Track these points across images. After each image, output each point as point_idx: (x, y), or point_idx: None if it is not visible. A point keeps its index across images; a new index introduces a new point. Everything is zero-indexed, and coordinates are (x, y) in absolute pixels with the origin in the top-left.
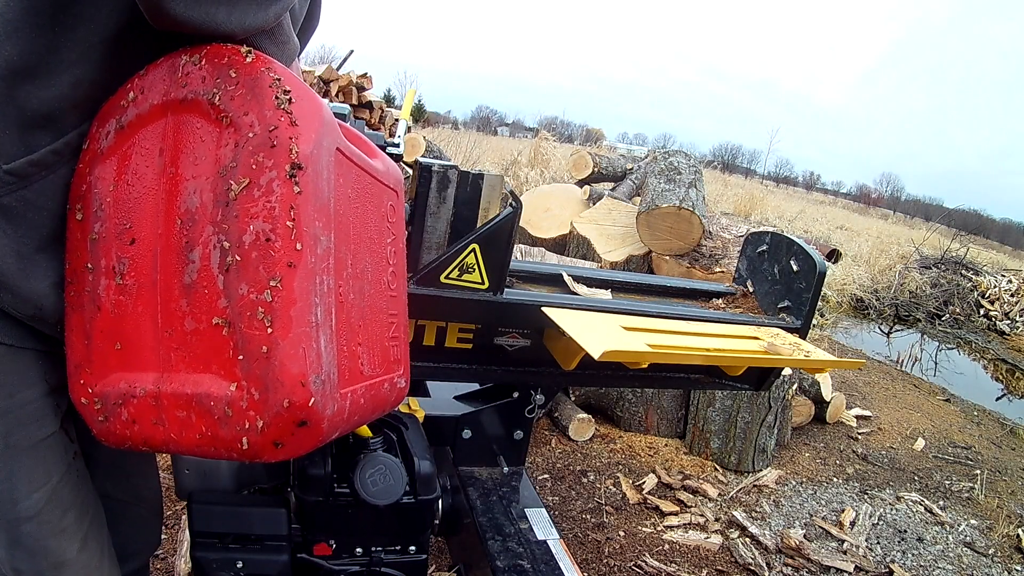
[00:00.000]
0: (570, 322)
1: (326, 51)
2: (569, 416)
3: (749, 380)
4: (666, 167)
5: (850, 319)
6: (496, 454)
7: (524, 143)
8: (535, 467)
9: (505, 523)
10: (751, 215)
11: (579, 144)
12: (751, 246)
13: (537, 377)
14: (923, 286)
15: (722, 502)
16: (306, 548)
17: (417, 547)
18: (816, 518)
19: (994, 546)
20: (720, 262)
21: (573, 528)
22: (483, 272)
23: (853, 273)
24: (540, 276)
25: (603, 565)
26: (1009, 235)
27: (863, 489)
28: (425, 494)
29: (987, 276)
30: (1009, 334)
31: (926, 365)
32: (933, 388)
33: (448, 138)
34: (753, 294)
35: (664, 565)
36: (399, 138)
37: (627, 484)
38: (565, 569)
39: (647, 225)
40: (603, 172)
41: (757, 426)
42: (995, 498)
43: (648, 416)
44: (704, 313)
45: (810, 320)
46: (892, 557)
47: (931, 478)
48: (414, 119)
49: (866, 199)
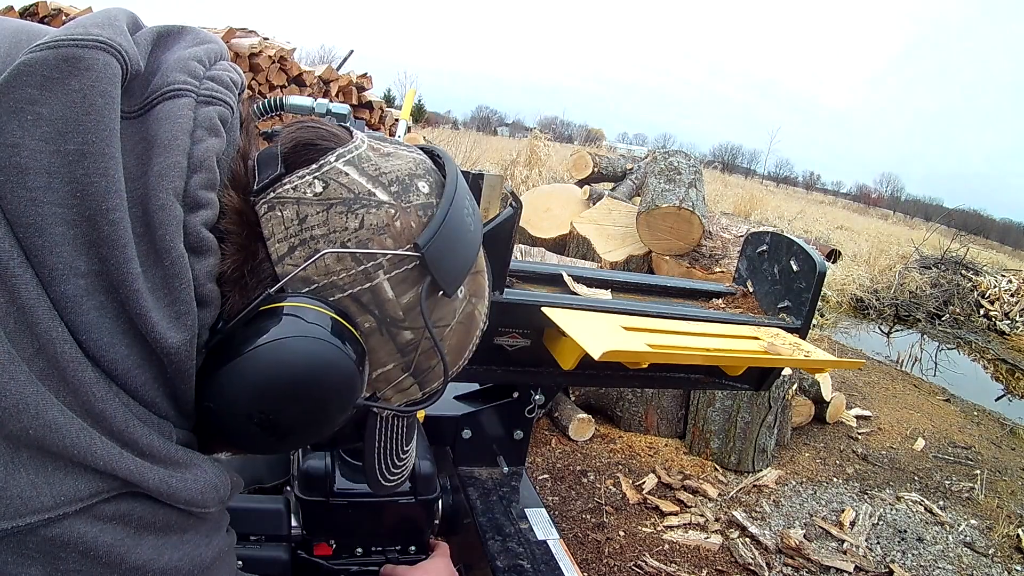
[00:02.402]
0: (570, 322)
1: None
2: (569, 416)
3: (749, 380)
4: (666, 167)
5: (850, 319)
6: (496, 454)
7: (523, 143)
8: (535, 467)
9: (505, 523)
10: (751, 215)
11: (579, 144)
12: (751, 246)
13: (537, 377)
14: (923, 286)
15: (722, 502)
16: (306, 548)
17: (417, 547)
18: (816, 518)
19: (994, 546)
20: (720, 262)
21: (573, 528)
22: None
23: (853, 273)
24: (540, 276)
25: (603, 565)
26: (1009, 235)
27: (863, 489)
28: (425, 494)
29: (987, 276)
30: (1009, 334)
31: (926, 365)
32: (933, 388)
33: (448, 138)
34: (753, 294)
35: (664, 565)
36: (399, 138)
37: (627, 484)
38: (565, 569)
39: (647, 225)
40: (603, 172)
41: (757, 426)
42: (995, 498)
43: (648, 416)
44: (704, 313)
45: (810, 320)
46: (892, 557)
47: (931, 478)
48: (414, 119)
49: (866, 199)
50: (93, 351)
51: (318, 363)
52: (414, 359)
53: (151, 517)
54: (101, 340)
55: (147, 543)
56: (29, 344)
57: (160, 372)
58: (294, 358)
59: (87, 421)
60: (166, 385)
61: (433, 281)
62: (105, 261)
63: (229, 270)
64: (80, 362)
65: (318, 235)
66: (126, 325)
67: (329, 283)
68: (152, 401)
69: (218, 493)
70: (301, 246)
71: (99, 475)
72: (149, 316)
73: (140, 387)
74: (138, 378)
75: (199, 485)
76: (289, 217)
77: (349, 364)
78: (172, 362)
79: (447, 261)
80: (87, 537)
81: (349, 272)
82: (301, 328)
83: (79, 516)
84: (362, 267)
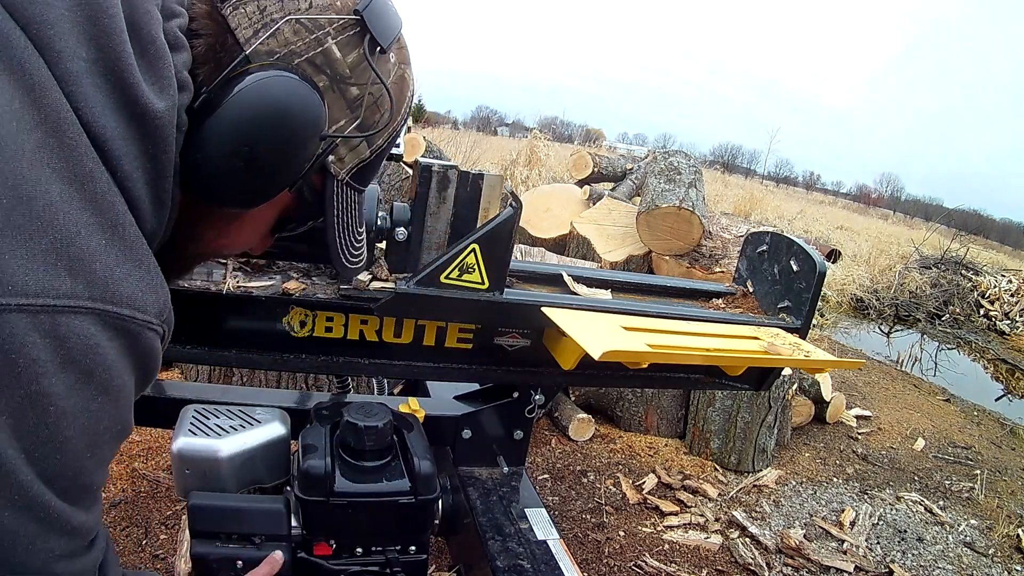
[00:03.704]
0: (570, 322)
1: None
2: (569, 416)
3: (749, 380)
4: (666, 167)
5: (850, 319)
6: (496, 454)
7: (523, 143)
8: (535, 467)
9: (505, 523)
10: (751, 215)
11: (579, 144)
12: (751, 246)
13: (537, 377)
14: (923, 286)
15: (722, 502)
16: (306, 548)
17: (417, 547)
18: (816, 518)
19: (994, 546)
20: (720, 262)
21: (573, 528)
22: (483, 272)
23: (853, 273)
24: (540, 276)
25: (603, 565)
26: (1009, 235)
27: (863, 489)
28: (425, 494)
29: (987, 276)
30: (1009, 334)
31: (926, 365)
32: (933, 388)
33: (448, 138)
34: (753, 294)
35: (664, 565)
36: (399, 138)
37: (627, 484)
38: (565, 569)
39: (647, 225)
40: (603, 172)
41: (757, 426)
42: (995, 498)
43: (648, 416)
44: (704, 313)
45: (810, 320)
46: (892, 557)
47: (931, 478)
48: (414, 119)
49: (866, 199)
50: (87, 119)
51: (291, 95)
52: (361, 114)
53: (82, 356)
54: (95, 110)
55: (65, 378)
56: (31, 116)
57: (143, 149)
58: (271, 91)
59: (73, 187)
60: (147, 160)
61: (372, 39)
62: (103, 49)
63: (203, 50)
64: (76, 127)
65: (277, 17)
66: (118, 102)
67: (288, 52)
68: (131, 176)
69: (158, 303)
70: (263, 28)
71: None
72: (139, 87)
73: (123, 157)
74: (122, 148)
75: (144, 285)
76: (251, 11)
77: (316, 96)
78: (156, 127)
79: (382, 22)
80: (17, 340)
81: (304, 40)
82: (274, 72)
83: (21, 314)
84: (314, 35)
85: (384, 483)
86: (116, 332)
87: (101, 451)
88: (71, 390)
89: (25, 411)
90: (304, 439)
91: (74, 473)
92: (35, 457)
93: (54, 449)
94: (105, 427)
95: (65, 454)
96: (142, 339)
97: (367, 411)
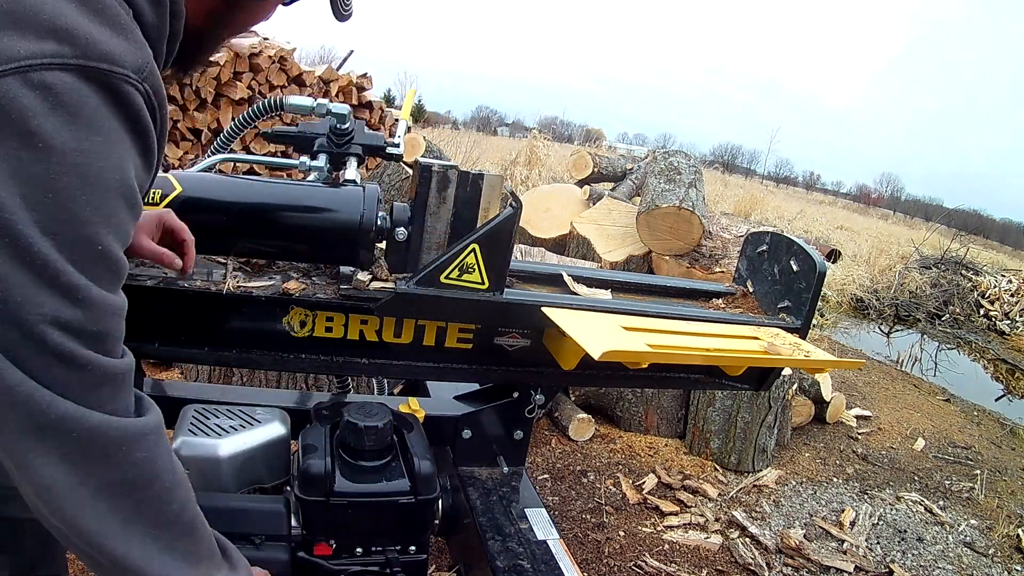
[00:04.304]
0: (570, 322)
1: (326, 51)
2: (569, 416)
3: (749, 380)
4: (666, 167)
5: (850, 319)
6: (496, 454)
7: (523, 143)
8: (535, 467)
9: (505, 523)
10: (751, 215)
11: (579, 144)
12: (751, 246)
13: (537, 377)
14: (923, 286)
15: (722, 502)
16: (306, 548)
17: (417, 547)
18: (816, 518)
19: (994, 546)
20: (720, 262)
21: (573, 528)
22: (483, 272)
23: (853, 273)
24: (540, 276)
25: (603, 565)
26: (1009, 235)
27: (863, 489)
28: (425, 494)
29: (987, 276)
30: (1009, 334)
31: (926, 365)
32: (933, 388)
33: (448, 138)
34: (753, 294)
35: (664, 565)
36: (399, 138)
37: (627, 484)
38: (565, 569)
39: (647, 225)
40: (603, 172)
41: (757, 426)
42: (995, 498)
43: (648, 416)
44: (704, 313)
45: (810, 320)
46: (892, 557)
47: (931, 478)
48: (414, 119)
49: (866, 199)
50: None
51: None
52: None
53: (69, 100)
54: None
55: (55, 119)
56: None
57: None
58: None
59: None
60: None
61: None
62: None
63: None
64: None
65: None
66: None
67: None
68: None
69: (136, 61)
70: None
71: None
72: None
73: None
74: None
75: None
76: None
77: None
78: None
79: None
80: (10, 95)
81: None
82: None
83: (15, 75)
84: None
85: (384, 483)
86: (99, 85)
87: (104, 205)
88: (61, 128)
89: (20, 154)
90: (304, 439)
91: (74, 224)
92: (32, 201)
93: (50, 190)
94: (100, 170)
95: (59, 194)
96: (122, 90)
97: (367, 411)
